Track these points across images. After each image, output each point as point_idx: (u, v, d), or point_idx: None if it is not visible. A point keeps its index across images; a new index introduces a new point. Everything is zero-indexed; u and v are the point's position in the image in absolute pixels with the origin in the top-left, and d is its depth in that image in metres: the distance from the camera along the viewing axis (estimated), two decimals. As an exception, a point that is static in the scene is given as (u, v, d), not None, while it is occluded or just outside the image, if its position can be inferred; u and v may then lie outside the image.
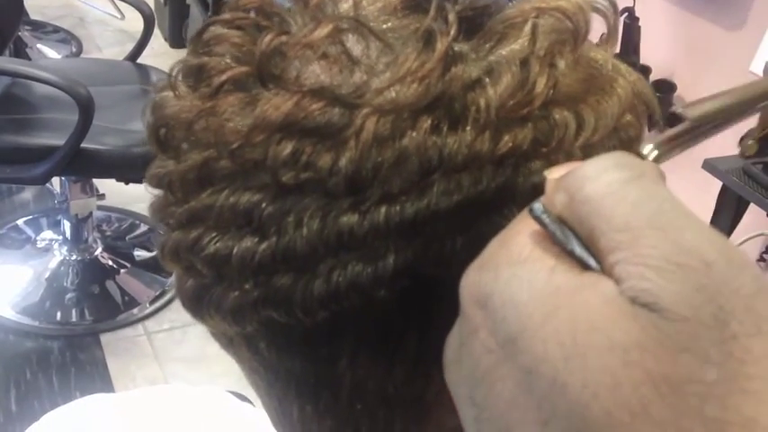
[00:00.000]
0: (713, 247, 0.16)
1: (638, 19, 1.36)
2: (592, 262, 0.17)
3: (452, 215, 0.22)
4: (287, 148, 0.22)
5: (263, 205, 0.22)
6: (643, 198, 0.17)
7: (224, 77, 0.23)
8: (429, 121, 0.22)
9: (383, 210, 0.22)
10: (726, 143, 1.15)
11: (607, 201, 0.17)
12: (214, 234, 0.23)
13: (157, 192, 0.26)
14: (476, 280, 0.18)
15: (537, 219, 0.19)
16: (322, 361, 0.24)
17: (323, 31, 0.22)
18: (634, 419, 0.15)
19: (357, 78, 0.22)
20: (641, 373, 0.15)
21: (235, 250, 0.23)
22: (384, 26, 0.23)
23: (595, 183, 0.17)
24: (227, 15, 0.24)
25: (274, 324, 0.24)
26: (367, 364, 0.24)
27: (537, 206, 0.19)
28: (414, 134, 0.21)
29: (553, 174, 0.19)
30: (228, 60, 0.24)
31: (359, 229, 0.22)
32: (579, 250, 0.17)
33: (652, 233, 0.16)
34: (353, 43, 0.23)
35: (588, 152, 0.23)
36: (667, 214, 0.17)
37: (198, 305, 0.25)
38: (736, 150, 1.12)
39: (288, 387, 0.26)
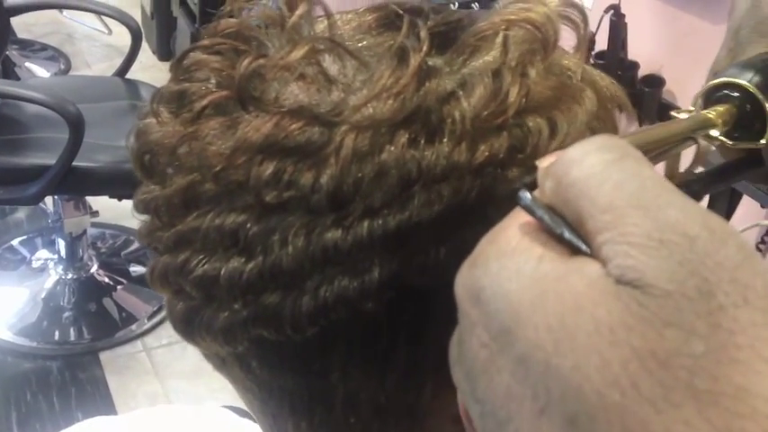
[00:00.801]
0: (696, 222, 0.16)
1: (624, 15, 1.37)
2: (582, 245, 0.17)
3: (434, 225, 0.22)
4: (269, 168, 0.22)
5: (249, 225, 0.23)
6: (626, 178, 0.17)
7: (205, 102, 0.23)
8: (406, 135, 0.22)
9: (366, 224, 0.22)
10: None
11: (592, 182, 0.17)
12: (201, 256, 0.24)
13: (144, 217, 0.26)
14: (467, 276, 0.18)
15: (525, 207, 0.19)
16: (314, 376, 0.25)
17: (299, 52, 0.23)
18: (625, 398, 0.15)
19: (335, 97, 0.23)
20: (628, 351, 0.15)
21: (222, 271, 0.23)
22: (359, 45, 0.24)
23: (580, 166, 0.18)
24: (205, 41, 0.25)
25: (265, 342, 0.24)
26: (359, 377, 0.24)
27: (524, 194, 0.19)
28: (392, 148, 0.22)
29: (543, 162, 0.19)
30: (209, 85, 0.24)
31: (343, 244, 0.22)
32: (569, 234, 0.17)
33: (634, 212, 0.16)
34: (330, 63, 0.23)
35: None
36: (650, 192, 0.17)
37: (189, 328, 0.25)
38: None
39: (282, 404, 0.26)
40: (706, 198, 1.14)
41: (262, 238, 0.23)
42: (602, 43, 1.37)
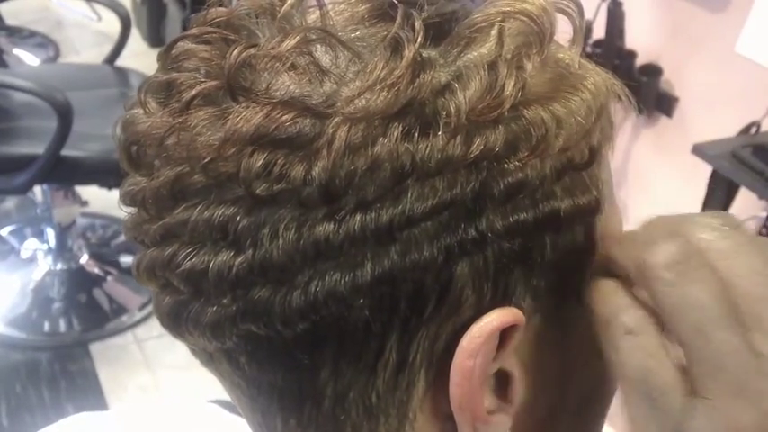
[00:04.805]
0: None
1: (621, 4, 1.36)
2: None
3: (428, 220, 0.22)
4: (259, 160, 0.22)
5: (238, 218, 0.22)
6: None
7: (194, 92, 0.23)
8: (400, 128, 0.22)
9: (358, 218, 0.22)
10: (715, 128, 1.16)
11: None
12: (189, 249, 0.23)
13: (131, 210, 0.25)
14: None
15: None
16: (304, 372, 0.24)
17: (291, 42, 0.22)
18: None
19: (327, 88, 0.22)
20: None
21: (211, 265, 0.23)
22: (352, 35, 0.23)
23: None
24: (194, 30, 0.24)
25: (254, 337, 0.24)
26: (349, 373, 0.24)
27: None
28: (385, 141, 0.22)
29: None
30: (198, 75, 0.23)
31: (335, 238, 0.22)
32: None
33: None
34: (322, 53, 0.23)
35: (567, 150, 0.23)
36: None
37: (176, 322, 0.25)
38: (724, 135, 1.14)
39: (271, 400, 0.26)
40: (703, 191, 1.14)
41: (251, 231, 0.22)
42: (599, 32, 1.36)
